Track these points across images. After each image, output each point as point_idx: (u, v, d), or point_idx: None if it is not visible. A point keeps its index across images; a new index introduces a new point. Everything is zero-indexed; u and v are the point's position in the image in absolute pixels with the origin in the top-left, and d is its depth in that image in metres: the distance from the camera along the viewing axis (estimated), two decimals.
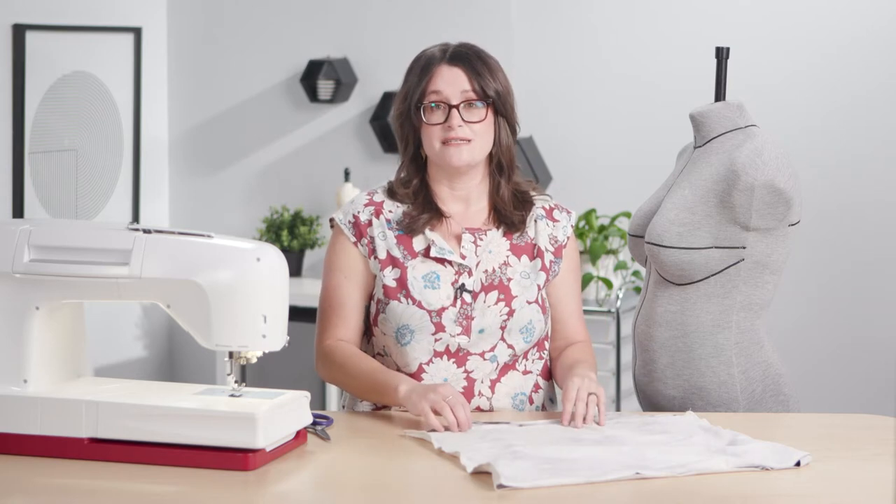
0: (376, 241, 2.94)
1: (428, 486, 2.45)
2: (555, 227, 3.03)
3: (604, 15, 5.25)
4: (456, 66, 2.94)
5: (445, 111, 2.92)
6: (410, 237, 2.95)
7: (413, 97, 2.94)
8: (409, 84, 2.96)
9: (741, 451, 2.55)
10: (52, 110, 5.34)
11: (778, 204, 2.97)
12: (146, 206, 5.84)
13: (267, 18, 5.75)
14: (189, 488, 2.39)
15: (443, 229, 2.96)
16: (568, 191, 5.25)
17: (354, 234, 2.96)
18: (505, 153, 2.98)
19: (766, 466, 2.49)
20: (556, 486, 2.38)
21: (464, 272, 2.92)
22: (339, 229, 2.99)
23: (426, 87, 2.93)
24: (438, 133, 2.92)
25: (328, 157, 5.68)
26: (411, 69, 2.98)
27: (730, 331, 3.04)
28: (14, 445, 2.56)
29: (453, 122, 2.91)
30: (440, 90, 2.92)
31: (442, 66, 2.94)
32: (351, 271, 2.97)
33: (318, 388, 5.33)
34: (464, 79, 2.93)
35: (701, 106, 3.12)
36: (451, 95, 2.92)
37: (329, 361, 2.94)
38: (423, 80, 2.93)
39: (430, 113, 2.93)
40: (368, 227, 2.96)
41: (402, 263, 2.92)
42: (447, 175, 2.97)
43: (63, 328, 2.66)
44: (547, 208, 3.04)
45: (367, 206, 2.99)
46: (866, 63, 4.92)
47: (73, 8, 5.44)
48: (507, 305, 2.92)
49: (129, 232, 2.57)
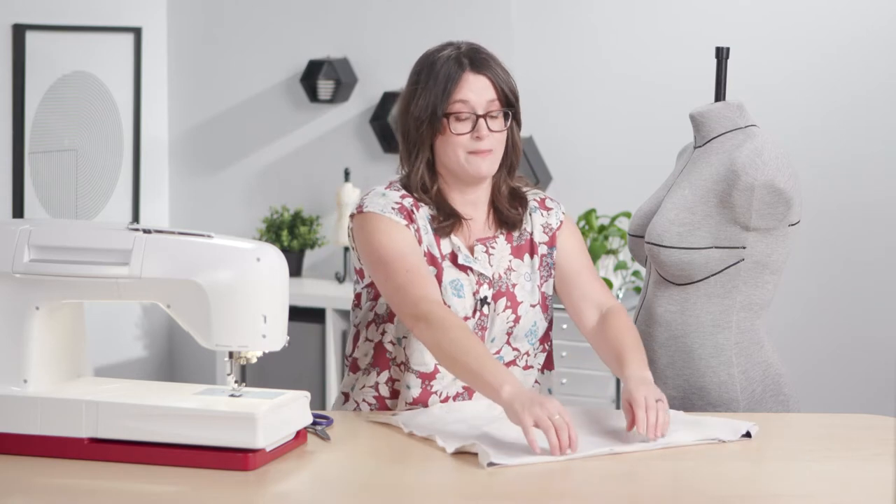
0: (421, 231, 2.91)
1: (427, 486, 2.45)
2: (548, 214, 3.02)
3: (604, 15, 5.25)
4: (482, 74, 2.90)
5: (472, 121, 2.89)
6: (439, 239, 2.93)
7: (438, 105, 2.88)
8: (430, 90, 2.89)
9: (697, 427, 2.69)
10: (52, 110, 5.34)
11: (778, 204, 2.97)
12: (146, 206, 5.84)
13: (267, 18, 5.75)
14: (189, 488, 2.39)
15: (463, 236, 2.95)
16: (568, 191, 5.25)
17: (404, 218, 2.88)
18: (517, 154, 2.98)
19: (722, 439, 2.64)
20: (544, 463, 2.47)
21: (484, 283, 2.92)
22: (381, 217, 2.87)
23: (453, 95, 2.88)
24: (465, 143, 2.89)
25: (328, 157, 5.68)
26: (430, 74, 2.91)
27: (730, 331, 3.04)
28: (14, 445, 2.56)
29: (482, 132, 2.87)
30: (468, 100, 2.88)
31: (468, 74, 2.89)
32: (411, 245, 2.85)
33: (318, 388, 5.33)
34: (490, 89, 2.89)
35: (701, 106, 3.12)
36: (477, 105, 2.88)
37: (436, 324, 2.73)
38: (450, 88, 2.88)
39: (456, 123, 2.89)
40: (414, 214, 2.90)
41: (440, 263, 2.90)
42: (462, 183, 2.95)
43: (63, 328, 2.66)
44: (539, 200, 3.04)
45: (405, 197, 2.92)
46: (866, 63, 4.92)
47: (73, 8, 5.44)
48: (514, 312, 2.92)
49: (129, 232, 2.57)
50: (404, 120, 2.94)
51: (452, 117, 2.88)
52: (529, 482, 2.44)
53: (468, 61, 2.91)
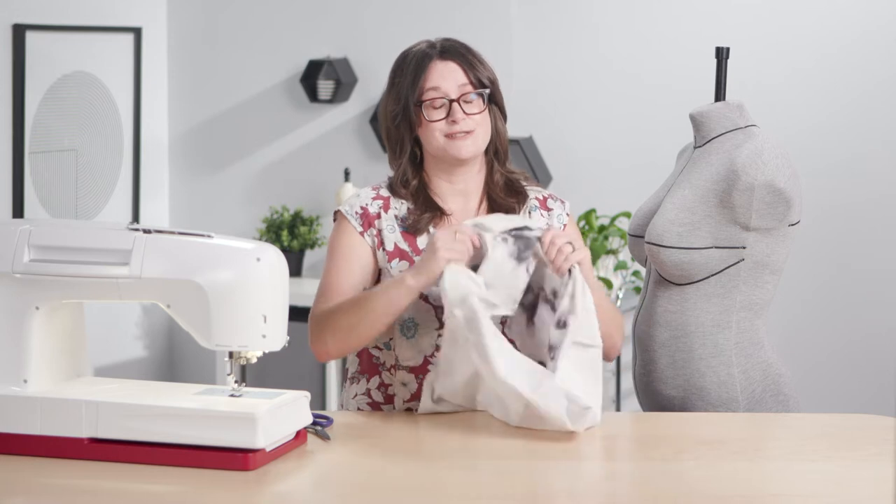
0: (384, 233, 2.94)
1: (428, 486, 2.45)
2: (549, 216, 3.02)
3: (604, 15, 5.25)
4: (449, 59, 2.93)
5: (446, 107, 2.92)
6: (415, 236, 2.95)
7: (409, 96, 2.92)
8: (401, 84, 2.94)
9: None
10: (52, 110, 5.34)
11: (778, 204, 2.97)
12: (146, 206, 5.84)
13: (267, 18, 5.75)
14: (189, 488, 2.39)
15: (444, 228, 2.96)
16: (568, 191, 5.24)
17: (362, 225, 2.95)
18: (502, 140, 3.00)
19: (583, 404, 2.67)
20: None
21: None
22: (345, 219, 2.96)
23: (423, 84, 2.92)
24: (442, 128, 2.92)
25: (328, 157, 5.68)
26: (400, 69, 2.96)
27: (730, 331, 3.04)
28: (14, 445, 2.56)
29: (456, 115, 2.91)
30: (438, 86, 2.92)
31: (435, 61, 2.93)
32: (353, 256, 2.93)
33: (318, 388, 5.33)
34: (459, 72, 2.93)
35: (701, 106, 3.12)
36: (449, 90, 2.92)
37: (321, 325, 2.86)
38: (419, 77, 2.92)
39: (431, 110, 2.92)
40: (377, 220, 2.95)
41: (411, 257, 2.92)
42: (448, 169, 2.97)
43: (63, 328, 2.66)
44: (540, 199, 3.04)
45: (375, 199, 2.98)
46: (866, 63, 4.92)
47: (73, 8, 5.44)
48: None
49: (129, 232, 2.57)
50: (384, 117, 3.00)
51: (426, 104, 2.92)
52: (530, 482, 2.44)
53: (437, 50, 2.94)
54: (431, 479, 2.48)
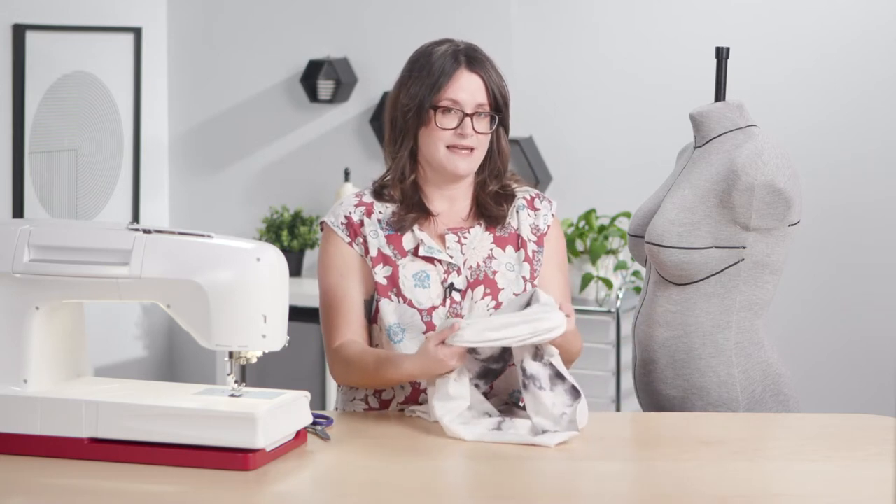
0: (368, 239, 2.94)
1: (427, 486, 2.45)
2: (536, 215, 3.02)
3: (604, 15, 5.25)
4: (475, 73, 2.93)
5: (458, 117, 2.91)
6: (400, 236, 2.95)
7: (427, 96, 2.91)
8: (421, 81, 2.92)
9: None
10: (52, 110, 5.34)
11: (778, 204, 2.97)
12: (146, 206, 5.84)
13: (267, 18, 5.75)
14: (189, 488, 2.40)
15: (429, 228, 2.97)
16: (568, 191, 5.25)
17: (349, 235, 2.96)
18: (503, 158, 3.00)
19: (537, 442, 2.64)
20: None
21: (453, 271, 2.93)
22: (332, 231, 2.97)
23: (445, 91, 2.91)
24: (447, 138, 2.92)
25: (328, 157, 5.68)
26: (421, 65, 2.94)
27: (730, 331, 3.04)
28: (14, 445, 2.56)
29: (466, 130, 2.91)
30: (458, 98, 2.91)
31: (462, 71, 2.92)
32: (347, 269, 2.95)
33: (318, 388, 5.33)
34: (482, 90, 2.92)
35: (701, 106, 3.12)
36: (467, 104, 2.91)
37: (342, 364, 2.91)
38: (443, 82, 2.90)
39: (443, 116, 2.92)
40: (361, 227, 2.95)
41: (394, 261, 2.92)
42: (441, 179, 2.97)
43: (63, 328, 2.66)
44: (528, 198, 3.04)
45: (358, 206, 2.98)
46: (866, 63, 4.92)
47: (73, 8, 5.44)
48: (494, 299, 2.92)
49: (129, 232, 2.57)
50: (393, 107, 2.98)
51: (440, 110, 2.91)
52: (529, 482, 2.44)
53: (465, 59, 2.93)
54: (431, 479, 2.48)
